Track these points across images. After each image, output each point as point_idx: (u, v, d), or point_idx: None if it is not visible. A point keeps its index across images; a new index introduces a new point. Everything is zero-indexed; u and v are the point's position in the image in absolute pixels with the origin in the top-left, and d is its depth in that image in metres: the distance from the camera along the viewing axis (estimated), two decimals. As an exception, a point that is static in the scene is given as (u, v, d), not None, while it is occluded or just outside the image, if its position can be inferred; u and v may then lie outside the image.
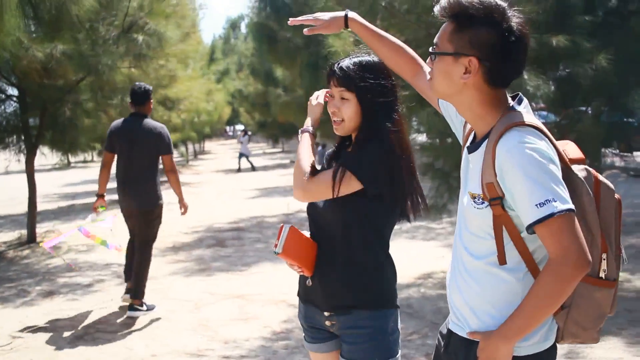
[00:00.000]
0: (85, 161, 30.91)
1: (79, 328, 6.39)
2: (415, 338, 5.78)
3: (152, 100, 7.04)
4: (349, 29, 2.78)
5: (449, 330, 2.33)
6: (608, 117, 7.62)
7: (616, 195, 2.15)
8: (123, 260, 7.59)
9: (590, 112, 7.46)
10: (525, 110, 2.13)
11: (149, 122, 6.80)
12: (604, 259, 2.08)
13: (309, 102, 2.87)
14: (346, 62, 2.66)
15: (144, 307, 6.72)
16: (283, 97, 16.97)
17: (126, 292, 6.94)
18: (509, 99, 2.17)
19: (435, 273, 8.07)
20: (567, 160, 2.08)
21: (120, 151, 6.74)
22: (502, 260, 2.10)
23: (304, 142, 2.77)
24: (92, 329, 6.37)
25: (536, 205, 1.93)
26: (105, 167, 6.85)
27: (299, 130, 2.84)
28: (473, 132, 2.25)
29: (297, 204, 14.92)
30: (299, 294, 2.88)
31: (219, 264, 9.11)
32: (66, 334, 6.22)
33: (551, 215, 1.92)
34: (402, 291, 7.34)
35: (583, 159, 2.16)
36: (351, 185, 2.56)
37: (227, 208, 15.07)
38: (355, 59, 2.66)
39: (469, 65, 2.07)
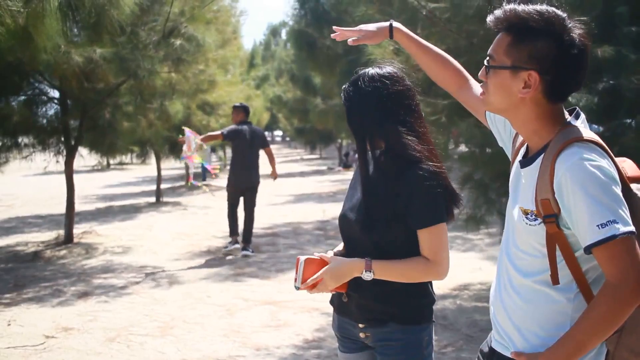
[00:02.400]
0: (122, 163, 31.36)
1: (111, 330, 6.40)
2: (449, 351, 5.68)
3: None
4: (393, 40, 2.74)
5: (491, 349, 2.26)
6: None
7: None
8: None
9: (634, 125, 7.29)
10: (583, 125, 2.04)
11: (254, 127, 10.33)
12: None
13: None
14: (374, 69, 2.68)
15: (251, 250, 10.05)
16: (321, 105, 16.92)
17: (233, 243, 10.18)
18: (566, 113, 2.08)
19: (472, 285, 7.94)
20: (627, 178, 1.99)
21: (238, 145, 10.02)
22: (555, 280, 2.02)
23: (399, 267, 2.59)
24: (124, 331, 6.38)
25: (597, 226, 1.85)
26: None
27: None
28: (525, 146, 2.17)
29: (334, 211, 14.89)
30: (332, 303, 2.83)
31: (252, 269, 9.09)
32: (99, 335, 6.24)
33: (612, 237, 1.84)
34: (437, 302, 7.22)
35: None
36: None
37: (263, 213, 15.00)
38: (380, 69, 2.67)
39: (528, 79, 1.99)
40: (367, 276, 2.52)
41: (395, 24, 2.72)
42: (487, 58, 2.09)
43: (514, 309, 2.13)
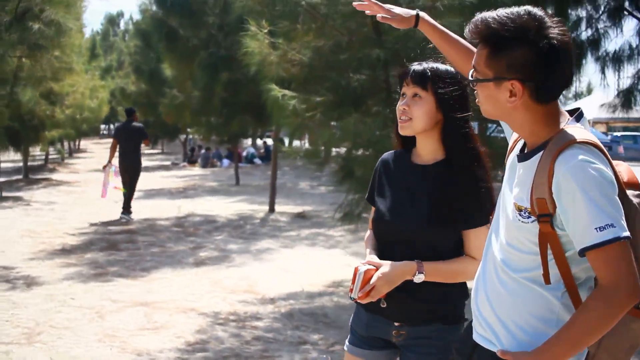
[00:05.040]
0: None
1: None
2: (338, 349, 5.63)
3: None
4: (418, 28, 2.67)
5: (474, 342, 2.22)
6: None
7: None
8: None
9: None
10: (584, 127, 2.04)
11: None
12: None
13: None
14: (427, 63, 2.64)
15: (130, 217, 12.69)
16: (179, 98, 16.45)
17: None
18: (567, 115, 2.07)
19: (346, 281, 7.97)
20: (623, 183, 1.99)
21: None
22: (547, 279, 2.00)
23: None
24: (-15, 339, 5.82)
25: (596, 229, 1.84)
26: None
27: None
28: (523, 140, 2.15)
29: (188, 207, 14.54)
30: (360, 303, 2.73)
31: (115, 268, 8.62)
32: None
33: (610, 241, 1.84)
34: (314, 299, 7.22)
35: (638, 183, 2.06)
36: None
37: (114, 209, 14.37)
38: (436, 64, 2.64)
39: (512, 88, 1.97)
40: (419, 278, 2.54)
41: (422, 14, 2.67)
42: (472, 69, 2.08)
43: (500, 304, 2.11)
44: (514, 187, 2.10)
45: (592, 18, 9.29)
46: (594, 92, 43.68)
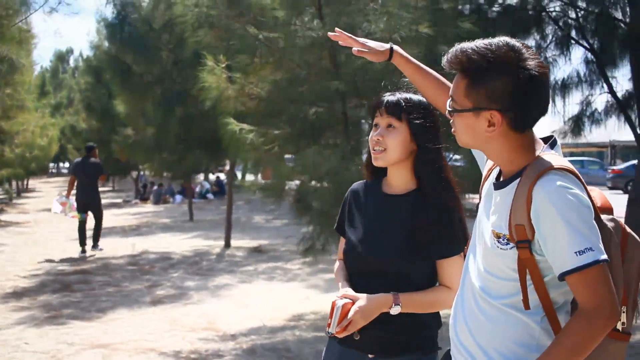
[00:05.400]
0: None
1: None
2: (304, 385, 5.55)
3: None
4: (392, 61, 2.67)
5: None
6: None
7: None
8: None
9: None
10: (558, 154, 2.06)
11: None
12: (624, 312, 2.01)
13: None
14: (400, 94, 2.63)
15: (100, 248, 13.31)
16: (133, 137, 16.30)
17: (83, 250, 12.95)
18: (541, 142, 2.09)
19: (306, 314, 7.90)
20: (597, 208, 2.01)
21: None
22: (526, 305, 2.00)
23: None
24: None
25: (575, 253, 1.85)
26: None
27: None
28: (498, 167, 2.14)
29: (143, 245, 14.29)
30: (333, 335, 2.65)
31: (70, 310, 8.38)
32: None
33: (589, 264, 1.85)
34: (276, 334, 7.11)
35: (611, 208, 2.10)
36: None
37: (66, 249, 14.07)
38: (409, 95, 2.64)
39: (491, 118, 1.99)
40: (395, 310, 2.50)
41: (395, 47, 2.67)
42: (449, 99, 2.08)
43: (479, 330, 2.10)
44: (491, 214, 2.10)
45: (540, 47, 9.53)
46: (543, 119, 44.75)
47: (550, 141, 2.10)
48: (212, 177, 35.34)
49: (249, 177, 36.31)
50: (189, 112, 13.33)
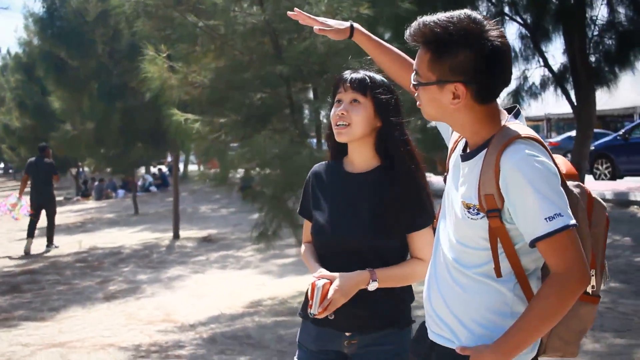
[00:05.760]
0: None
1: None
2: (268, 369, 5.59)
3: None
4: (353, 39, 2.69)
5: (430, 343, 2.24)
6: None
7: (606, 213, 2.17)
8: None
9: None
10: (522, 124, 2.10)
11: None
12: (593, 275, 2.07)
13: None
14: (362, 72, 2.66)
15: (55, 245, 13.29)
16: (71, 132, 16.00)
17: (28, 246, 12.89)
18: (505, 112, 2.13)
19: (263, 300, 7.93)
20: (562, 175, 2.06)
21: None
22: (498, 273, 2.05)
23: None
24: None
25: (545, 219, 1.90)
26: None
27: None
28: (464, 140, 2.19)
29: (90, 241, 14.08)
30: (306, 317, 2.68)
31: (21, 312, 8.22)
32: None
33: (559, 230, 1.90)
34: (235, 321, 7.14)
35: (576, 174, 2.16)
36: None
37: (8, 250, 13.77)
38: (371, 73, 2.67)
39: (455, 91, 2.02)
40: (373, 286, 2.53)
41: (356, 25, 2.68)
42: (414, 73, 2.11)
43: (454, 301, 2.14)
44: (459, 186, 2.14)
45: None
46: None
47: (514, 111, 2.14)
48: (153, 169, 34.89)
49: (192, 168, 36.09)
50: (128, 105, 13.16)
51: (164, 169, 34.13)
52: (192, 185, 28.09)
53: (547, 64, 10.51)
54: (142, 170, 33.15)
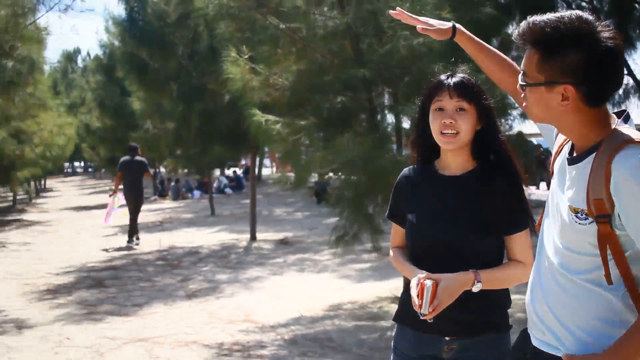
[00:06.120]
0: None
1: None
2: (349, 372, 5.59)
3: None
4: (454, 39, 2.69)
5: (535, 350, 2.20)
6: None
7: None
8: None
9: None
10: (632, 128, 2.04)
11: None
12: None
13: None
14: (460, 76, 2.63)
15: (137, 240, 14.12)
16: (152, 132, 16.50)
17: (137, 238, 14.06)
18: (614, 116, 2.07)
19: (343, 304, 7.94)
20: None
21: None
22: (609, 280, 1.98)
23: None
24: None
25: None
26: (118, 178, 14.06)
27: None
28: (570, 143, 2.14)
29: (169, 240, 14.38)
30: (404, 322, 2.74)
31: (106, 305, 8.46)
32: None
33: None
34: (316, 324, 7.16)
35: None
36: None
37: (93, 246, 14.21)
38: (466, 76, 2.65)
39: (565, 92, 1.97)
40: (477, 287, 2.51)
41: (458, 26, 2.67)
42: (521, 74, 2.07)
43: (559, 306, 2.10)
44: (566, 190, 2.10)
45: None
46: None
47: (623, 115, 2.08)
48: (227, 172, 35.40)
49: (265, 172, 36.50)
50: (207, 107, 13.37)
51: (239, 171, 34.59)
52: (267, 189, 28.46)
53: (631, 73, 10.19)
54: (217, 172, 33.72)
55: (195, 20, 13.26)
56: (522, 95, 2.10)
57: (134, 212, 13.98)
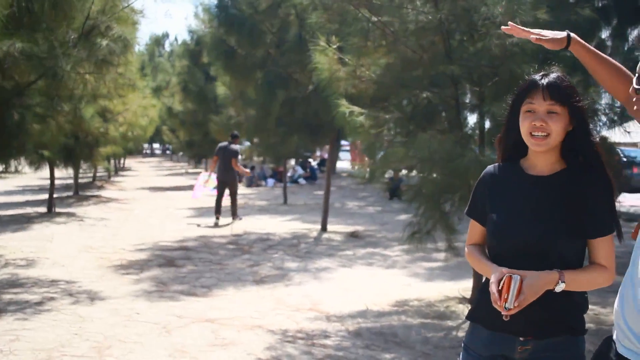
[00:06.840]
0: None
1: (40, 351, 5.78)
2: (415, 371, 5.50)
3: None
4: (568, 48, 2.68)
5: (619, 356, 2.14)
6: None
7: None
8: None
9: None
10: None
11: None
12: None
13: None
14: (554, 77, 2.54)
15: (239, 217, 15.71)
16: (234, 118, 16.84)
17: (217, 220, 15.10)
18: None
19: (410, 301, 7.83)
20: None
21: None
22: None
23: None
24: (56, 352, 5.77)
25: None
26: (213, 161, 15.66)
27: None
28: None
29: (241, 226, 14.51)
30: (478, 320, 2.71)
31: (176, 285, 8.58)
32: (27, 357, 5.62)
33: None
34: (381, 318, 7.08)
35: None
36: None
37: (166, 226, 14.48)
38: (560, 76, 2.56)
39: None
40: (560, 287, 2.45)
41: (572, 35, 2.66)
42: (636, 76, 2.00)
43: None
44: None
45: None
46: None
47: None
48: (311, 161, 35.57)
49: (339, 165, 36.52)
50: (291, 96, 13.40)
51: (313, 162, 34.67)
52: (340, 181, 28.46)
53: None
54: (292, 161, 33.92)
55: (286, 10, 13.36)
56: (634, 99, 2.02)
57: (232, 195, 15.42)
